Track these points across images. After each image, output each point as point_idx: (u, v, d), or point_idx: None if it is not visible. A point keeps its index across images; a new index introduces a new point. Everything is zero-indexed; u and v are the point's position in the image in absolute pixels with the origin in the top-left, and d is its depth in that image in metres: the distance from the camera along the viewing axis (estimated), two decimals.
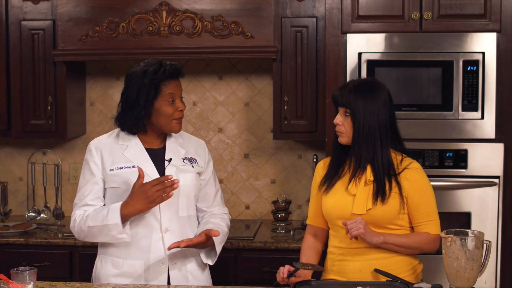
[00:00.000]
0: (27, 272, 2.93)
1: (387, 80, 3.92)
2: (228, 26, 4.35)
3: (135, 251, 3.19)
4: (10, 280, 2.90)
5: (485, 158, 4.05)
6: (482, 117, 4.04)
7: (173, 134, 3.29)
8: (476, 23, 4.04)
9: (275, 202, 4.72)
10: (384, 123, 3.08)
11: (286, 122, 4.44)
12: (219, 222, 3.31)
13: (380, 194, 3.05)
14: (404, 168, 3.11)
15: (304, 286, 2.84)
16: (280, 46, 4.40)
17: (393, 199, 3.06)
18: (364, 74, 4.07)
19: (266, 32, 4.35)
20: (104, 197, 3.25)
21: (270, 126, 4.87)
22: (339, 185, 3.16)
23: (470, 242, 2.82)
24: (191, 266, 3.27)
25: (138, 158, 3.21)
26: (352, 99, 3.07)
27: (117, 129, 3.30)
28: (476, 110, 4.05)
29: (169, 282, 3.19)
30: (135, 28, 4.39)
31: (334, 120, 3.14)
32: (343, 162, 3.20)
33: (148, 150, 3.24)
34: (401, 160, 3.14)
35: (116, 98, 4.93)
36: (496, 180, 4.05)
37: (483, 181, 4.05)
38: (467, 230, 2.90)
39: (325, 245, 3.32)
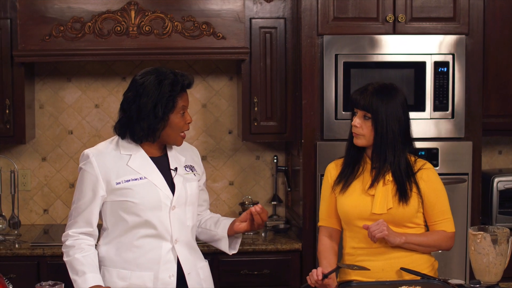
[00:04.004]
0: (55, 287, 2.79)
1: (362, 81, 4.00)
2: (199, 26, 4.28)
3: (144, 263, 3.08)
4: None
5: (455, 156, 4.21)
6: (452, 117, 4.20)
7: None
8: (446, 26, 4.19)
9: (242, 204, 4.69)
10: (404, 127, 3.15)
11: (256, 124, 4.42)
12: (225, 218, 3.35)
13: (403, 194, 3.11)
14: (419, 169, 3.19)
15: (347, 287, 2.85)
16: (249, 47, 4.38)
17: (413, 198, 3.13)
18: (340, 75, 4.13)
19: (237, 33, 4.32)
20: (102, 210, 3.12)
21: (228, 127, 4.84)
22: (355, 185, 3.20)
23: (499, 238, 2.94)
24: (203, 273, 3.23)
25: (145, 168, 3.08)
26: (374, 103, 3.10)
27: (115, 138, 3.13)
28: (446, 110, 4.20)
29: None
30: (102, 28, 4.23)
31: (353, 122, 3.17)
32: (357, 162, 3.24)
33: (151, 159, 3.13)
34: (415, 161, 3.22)
35: (67, 100, 4.74)
36: (465, 177, 4.22)
37: (453, 178, 4.21)
38: (489, 227, 3.02)
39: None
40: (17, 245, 4.25)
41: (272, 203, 4.80)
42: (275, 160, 4.78)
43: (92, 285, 2.99)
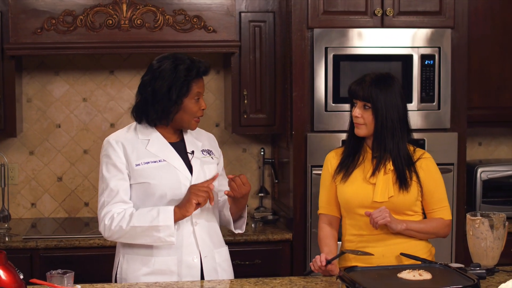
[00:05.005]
0: (66, 275, 2.81)
1: (351, 74, 4.11)
2: (190, 20, 4.32)
3: (167, 248, 3.12)
4: (54, 284, 2.76)
5: (441, 147, 4.31)
6: (439, 108, 4.31)
7: None
8: (432, 20, 4.30)
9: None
10: (402, 115, 3.23)
11: (245, 116, 4.48)
12: None
13: (403, 182, 3.19)
14: (419, 158, 3.28)
15: (352, 272, 2.91)
16: (239, 40, 4.43)
17: (413, 187, 3.21)
18: (330, 68, 4.21)
19: (228, 26, 4.37)
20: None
21: (214, 120, 4.88)
22: (356, 174, 3.27)
23: (495, 223, 3.04)
24: (219, 257, 3.27)
25: (163, 152, 3.17)
26: (374, 93, 3.18)
27: (133, 124, 3.23)
28: (432, 101, 4.30)
29: (202, 276, 3.16)
30: (93, 21, 4.24)
31: (353, 113, 3.24)
32: (357, 151, 3.32)
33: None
34: (414, 150, 3.30)
35: (55, 94, 4.74)
36: (451, 167, 4.33)
37: (440, 168, 4.25)
38: (484, 212, 3.13)
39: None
40: (7, 238, 4.24)
41: (259, 195, 4.86)
42: (262, 153, 4.84)
43: (171, 212, 3.04)
